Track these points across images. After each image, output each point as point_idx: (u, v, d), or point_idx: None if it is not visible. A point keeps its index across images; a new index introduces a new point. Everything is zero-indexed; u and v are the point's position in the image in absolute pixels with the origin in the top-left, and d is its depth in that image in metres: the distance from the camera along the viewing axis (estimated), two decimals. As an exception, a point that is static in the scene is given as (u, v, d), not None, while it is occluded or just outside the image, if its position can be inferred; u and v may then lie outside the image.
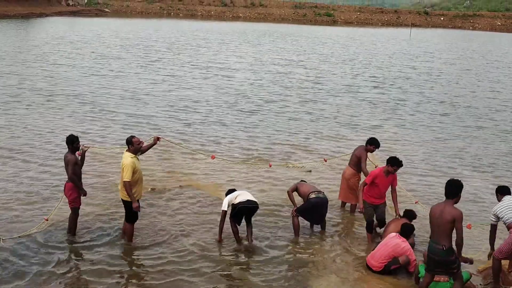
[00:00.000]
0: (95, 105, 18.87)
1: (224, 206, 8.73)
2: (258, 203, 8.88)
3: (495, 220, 8.05)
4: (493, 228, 8.12)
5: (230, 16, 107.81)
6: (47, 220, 8.79)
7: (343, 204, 10.78)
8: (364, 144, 10.35)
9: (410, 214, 9.33)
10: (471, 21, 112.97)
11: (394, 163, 9.12)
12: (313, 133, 16.41)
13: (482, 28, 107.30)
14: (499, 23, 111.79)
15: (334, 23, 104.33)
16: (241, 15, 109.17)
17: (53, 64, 28.06)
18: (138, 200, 8.64)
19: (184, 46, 41.14)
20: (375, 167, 10.52)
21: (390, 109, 20.58)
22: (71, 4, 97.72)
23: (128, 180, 8.21)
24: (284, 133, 16.19)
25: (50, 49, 34.38)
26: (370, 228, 9.31)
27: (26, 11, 75.82)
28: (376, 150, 10.28)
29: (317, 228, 9.70)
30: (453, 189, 7.11)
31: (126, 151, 8.50)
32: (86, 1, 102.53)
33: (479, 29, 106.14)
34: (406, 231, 8.43)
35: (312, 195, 9.22)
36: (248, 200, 8.70)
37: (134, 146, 8.46)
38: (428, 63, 38.00)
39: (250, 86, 24.50)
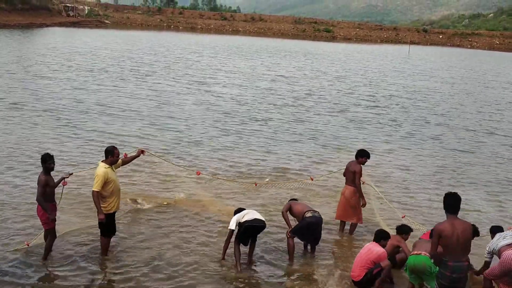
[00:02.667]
0: (72, 121, 17.97)
1: (232, 225, 8.48)
2: (265, 222, 8.70)
3: (489, 257, 8.04)
4: (487, 264, 8.08)
5: (230, 30, 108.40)
6: (28, 245, 8.60)
7: (342, 225, 10.41)
8: (355, 158, 10.07)
9: (405, 229, 9.22)
10: (470, 39, 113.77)
11: None
12: (300, 154, 15.90)
13: (480, 46, 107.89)
14: (497, 42, 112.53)
15: (333, 39, 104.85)
16: (240, 29, 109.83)
17: (38, 77, 27.35)
18: (115, 213, 8.47)
19: (177, 60, 40.97)
20: (362, 183, 10.30)
21: (383, 130, 20.26)
22: (71, 15, 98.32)
23: (96, 190, 8.04)
24: (271, 154, 15.74)
25: (39, 61, 33.95)
26: None
27: (26, 21, 76.23)
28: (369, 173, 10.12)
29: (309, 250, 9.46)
30: (459, 203, 7.02)
31: (102, 161, 8.32)
32: (86, 12, 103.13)
33: (477, 47, 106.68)
34: (378, 236, 8.38)
35: (308, 214, 8.95)
36: (255, 219, 8.49)
37: (114, 157, 8.31)
38: (425, 82, 38.00)
39: (240, 103, 23.97)
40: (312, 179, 11.56)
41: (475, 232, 8.71)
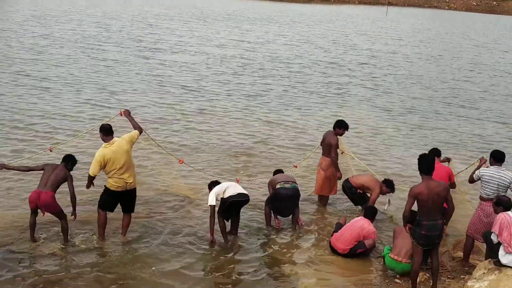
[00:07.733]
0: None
1: (212, 201, 8.06)
2: (248, 195, 8.42)
3: (476, 178, 7.90)
4: (471, 178, 8.09)
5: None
6: None
7: (320, 198, 10.09)
8: (332, 128, 9.69)
9: (390, 184, 9.46)
10: (447, 0, 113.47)
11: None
12: (270, 137, 14.30)
13: (457, 8, 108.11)
14: (474, 3, 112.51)
15: (310, 1, 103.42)
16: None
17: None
18: (118, 192, 7.85)
19: (141, 26, 37.38)
20: (341, 153, 10.06)
21: (358, 101, 19.23)
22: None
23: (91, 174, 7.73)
24: (228, 134, 14.20)
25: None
26: None
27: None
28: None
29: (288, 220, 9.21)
30: (432, 164, 7.04)
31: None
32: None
33: (454, 8, 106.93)
34: (370, 214, 8.33)
35: (278, 185, 8.73)
36: (239, 194, 8.22)
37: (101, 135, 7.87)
38: (403, 48, 37.71)
39: (195, 76, 21.55)
40: (296, 167, 10.85)
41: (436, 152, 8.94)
